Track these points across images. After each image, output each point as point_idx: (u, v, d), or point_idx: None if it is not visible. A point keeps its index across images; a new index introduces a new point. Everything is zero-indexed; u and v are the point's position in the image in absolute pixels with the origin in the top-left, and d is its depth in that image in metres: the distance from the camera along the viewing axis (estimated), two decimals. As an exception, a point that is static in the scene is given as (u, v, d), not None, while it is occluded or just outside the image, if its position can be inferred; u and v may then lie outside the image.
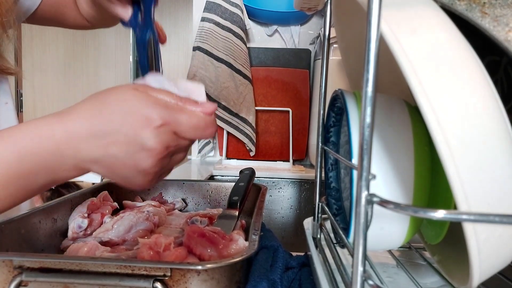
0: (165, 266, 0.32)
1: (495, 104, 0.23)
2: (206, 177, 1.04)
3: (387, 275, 0.41)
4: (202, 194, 0.64)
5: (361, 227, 0.22)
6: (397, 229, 0.32)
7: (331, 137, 0.42)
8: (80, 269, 0.32)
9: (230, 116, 1.23)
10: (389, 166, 0.31)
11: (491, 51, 0.35)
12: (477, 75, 0.23)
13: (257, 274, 0.38)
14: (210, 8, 1.24)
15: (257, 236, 0.38)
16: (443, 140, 0.21)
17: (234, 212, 0.49)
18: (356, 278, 0.22)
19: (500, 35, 0.28)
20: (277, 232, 1.06)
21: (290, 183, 1.10)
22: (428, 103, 0.22)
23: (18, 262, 0.32)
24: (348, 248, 0.33)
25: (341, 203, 0.41)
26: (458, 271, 0.31)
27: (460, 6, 0.29)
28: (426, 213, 0.19)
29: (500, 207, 0.22)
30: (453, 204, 0.27)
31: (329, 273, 0.37)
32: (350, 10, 0.41)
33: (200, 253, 0.37)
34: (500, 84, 0.37)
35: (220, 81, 1.23)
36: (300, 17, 1.30)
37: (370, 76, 0.21)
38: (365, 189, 0.22)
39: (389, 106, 0.34)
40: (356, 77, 0.49)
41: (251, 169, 0.59)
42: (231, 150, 1.29)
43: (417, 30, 0.24)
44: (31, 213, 0.44)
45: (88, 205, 0.51)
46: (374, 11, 0.20)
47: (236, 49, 1.24)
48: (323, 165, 0.43)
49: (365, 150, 0.21)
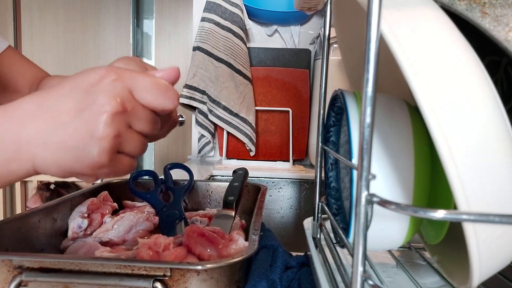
0: (165, 266, 0.32)
1: (495, 104, 0.23)
2: (206, 177, 1.04)
3: (387, 275, 0.41)
4: (202, 194, 0.64)
5: (361, 227, 0.22)
6: (397, 229, 0.32)
7: (331, 137, 0.42)
8: (80, 269, 0.32)
9: (230, 116, 1.23)
10: (389, 166, 0.31)
11: (491, 51, 0.35)
12: (477, 75, 0.23)
13: (257, 273, 0.38)
14: (210, 8, 1.24)
15: (257, 236, 0.38)
16: (443, 140, 0.21)
17: (230, 212, 0.49)
18: (356, 278, 0.22)
19: (500, 35, 0.28)
20: (277, 232, 1.06)
21: (290, 183, 1.10)
22: (428, 103, 0.22)
23: (18, 262, 0.32)
24: (348, 248, 0.33)
25: (341, 203, 0.41)
26: (458, 271, 0.31)
27: (460, 6, 0.29)
28: (426, 213, 0.19)
29: (500, 207, 0.22)
30: (453, 204, 0.27)
31: (329, 273, 0.37)
32: (350, 10, 0.41)
33: (199, 253, 0.37)
34: (500, 84, 0.37)
35: (220, 81, 1.23)
36: (300, 17, 1.30)
37: (370, 76, 0.21)
38: (365, 189, 0.22)
39: (389, 106, 0.34)
40: (356, 77, 0.48)
41: (244, 169, 0.59)
42: (231, 150, 1.29)
43: (417, 30, 0.24)
44: (31, 213, 0.44)
45: (88, 205, 0.51)
46: (374, 11, 0.20)
47: (236, 49, 1.24)
48: (323, 165, 0.43)
49: (365, 150, 0.21)
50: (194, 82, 1.24)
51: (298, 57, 1.31)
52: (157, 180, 0.60)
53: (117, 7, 1.98)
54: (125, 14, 1.98)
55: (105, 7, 1.99)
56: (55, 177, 1.73)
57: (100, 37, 2.03)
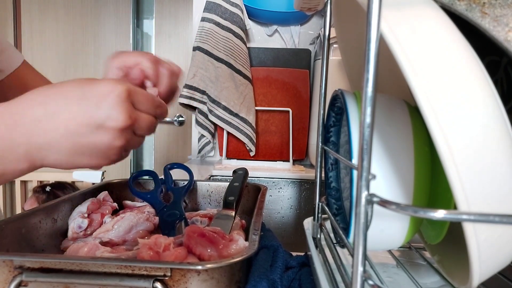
0: (165, 266, 0.32)
1: (495, 104, 0.23)
2: (206, 177, 1.04)
3: (387, 275, 0.41)
4: (202, 194, 0.64)
5: (361, 227, 0.22)
6: (397, 229, 0.32)
7: (331, 137, 0.42)
8: (81, 269, 0.32)
9: (230, 116, 1.23)
10: (389, 166, 0.31)
11: (491, 51, 0.35)
12: (477, 75, 0.23)
13: (257, 274, 0.38)
14: (210, 8, 1.24)
15: (257, 236, 0.38)
16: (443, 140, 0.21)
17: (231, 212, 0.49)
18: (356, 278, 0.22)
19: (500, 35, 0.28)
20: (277, 232, 1.06)
21: (290, 183, 1.10)
22: (428, 103, 0.22)
23: (18, 262, 0.32)
24: (348, 248, 0.33)
25: (341, 203, 0.41)
26: (458, 271, 0.31)
27: (460, 6, 0.29)
28: (426, 213, 0.19)
29: (500, 207, 0.22)
30: (453, 204, 0.27)
31: (329, 273, 0.37)
32: (350, 10, 0.41)
33: (200, 253, 0.37)
34: (500, 84, 0.37)
35: (220, 81, 1.23)
36: (300, 17, 1.30)
37: (370, 76, 0.21)
38: (365, 189, 0.22)
39: (389, 106, 0.34)
40: (356, 77, 0.48)
41: (244, 169, 0.59)
42: (231, 150, 1.29)
43: (417, 30, 0.24)
44: (31, 213, 0.44)
45: (88, 205, 0.51)
46: (374, 11, 0.20)
47: (236, 49, 1.23)
48: (323, 165, 0.43)
49: (365, 150, 0.21)
50: (194, 82, 1.24)
51: (298, 57, 1.31)
52: (157, 180, 0.60)
53: (117, 7, 1.98)
54: (125, 14, 1.98)
55: (105, 7, 1.99)
56: (50, 179, 1.73)
57: (100, 37, 2.03)
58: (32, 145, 0.32)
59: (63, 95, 0.32)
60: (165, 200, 0.58)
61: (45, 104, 0.32)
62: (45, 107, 0.32)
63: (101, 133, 0.32)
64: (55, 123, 0.32)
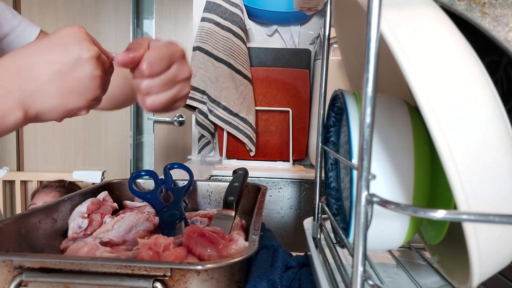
0: (165, 266, 0.32)
1: (495, 104, 0.23)
2: (206, 177, 1.04)
3: (387, 275, 0.41)
4: (202, 194, 0.64)
5: (361, 227, 0.22)
6: (397, 229, 0.32)
7: (331, 137, 0.42)
8: (80, 269, 0.32)
9: (230, 116, 1.23)
10: (389, 166, 0.31)
11: (491, 51, 0.35)
12: (477, 75, 0.23)
13: (257, 274, 0.38)
14: (210, 8, 1.24)
15: (257, 236, 0.38)
16: (443, 140, 0.21)
17: (231, 213, 0.49)
18: (356, 278, 0.22)
19: (500, 35, 0.28)
20: (277, 232, 1.06)
21: (290, 183, 1.10)
22: (428, 103, 0.22)
23: (18, 262, 0.32)
24: (348, 248, 0.33)
25: (341, 203, 0.41)
26: (458, 271, 0.31)
27: (460, 6, 0.29)
28: (426, 213, 0.19)
29: (500, 207, 0.22)
30: (453, 204, 0.27)
31: (329, 273, 0.37)
32: (350, 10, 0.41)
33: (199, 253, 0.37)
34: (500, 84, 0.37)
35: (220, 81, 1.23)
36: (300, 17, 1.30)
37: (370, 76, 0.21)
38: (365, 189, 0.22)
39: (389, 106, 0.34)
40: (356, 77, 0.48)
41: (244, 169, 0.59)
42: (231, 150, 1.29)
43: (417, 30, 0.24)
44: (31, 213, 0.44)
45: (88, 205, 0.51)
46: (374, 11, 0.20)
47: (236, 49, 1.23)
48: (323, 165, 0.43)
49: (365, 150, 0.21)
50: (194, 82, 1.24)
51: (298, 57, 1.31)
52: (157, 180, 0.60)
53: (117, 7, 1.98)
54: (125, 14, 1.98)
55: (105, 7, 1.99)
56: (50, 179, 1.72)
57: (100, 37, 2.03)
58: (24, 92, 0.35)
59: (35, 48, 0.36)
60: (165, 200, 0.58)
61: (24, 57, 0.36)
62: (24, 59, 0.35)
63: (81, 65, 0.36)
64: (40, 71, 0.35)
